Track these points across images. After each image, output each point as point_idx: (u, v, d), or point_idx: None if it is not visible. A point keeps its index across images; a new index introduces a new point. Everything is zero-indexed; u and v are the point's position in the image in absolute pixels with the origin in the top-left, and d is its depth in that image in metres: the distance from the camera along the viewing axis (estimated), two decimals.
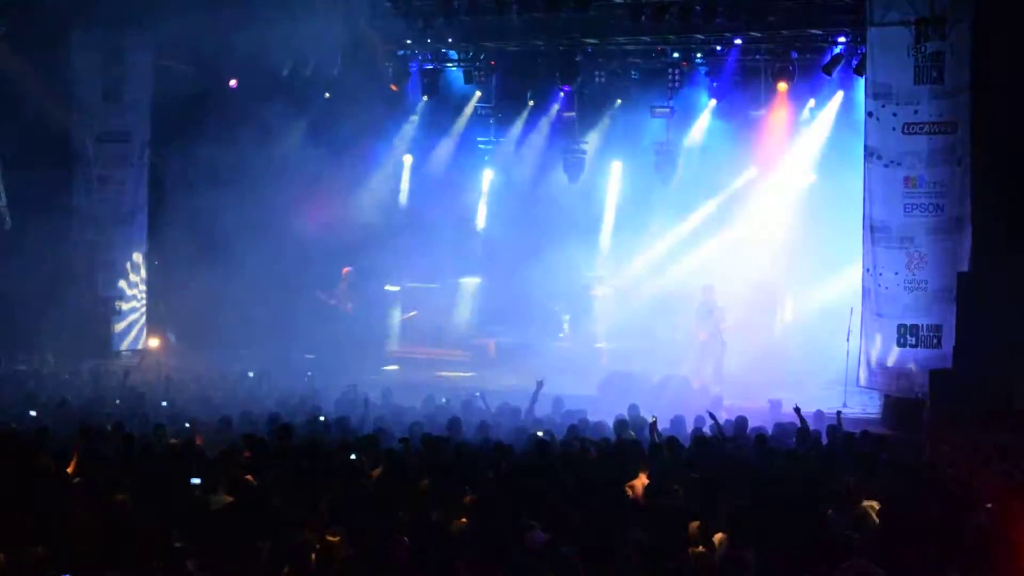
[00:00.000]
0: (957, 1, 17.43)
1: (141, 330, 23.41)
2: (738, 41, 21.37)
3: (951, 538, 9.39)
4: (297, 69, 22.97)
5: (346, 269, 22.81)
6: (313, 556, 8.80)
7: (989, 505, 9.95)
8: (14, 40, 21.53)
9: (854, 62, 19.80)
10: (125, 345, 23.06)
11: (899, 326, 18.02)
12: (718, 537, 9.19)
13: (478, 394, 16.72)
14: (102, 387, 17.51)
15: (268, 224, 22.71)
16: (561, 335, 22.84)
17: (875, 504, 9.91)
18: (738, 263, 22.04)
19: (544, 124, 24.18)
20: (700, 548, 9.03)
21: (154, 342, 23.45)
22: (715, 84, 22.30)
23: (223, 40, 21.28)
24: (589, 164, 23.72)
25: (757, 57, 21.66)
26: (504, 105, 24.49)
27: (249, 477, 10.75)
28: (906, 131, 17.89)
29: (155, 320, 23.66)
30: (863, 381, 18.41)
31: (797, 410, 13.99)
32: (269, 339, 22.45)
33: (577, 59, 22.35)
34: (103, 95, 22.83)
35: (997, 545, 9.10)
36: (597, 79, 22.84)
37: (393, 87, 23.73)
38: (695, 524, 9.30)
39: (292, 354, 21.74)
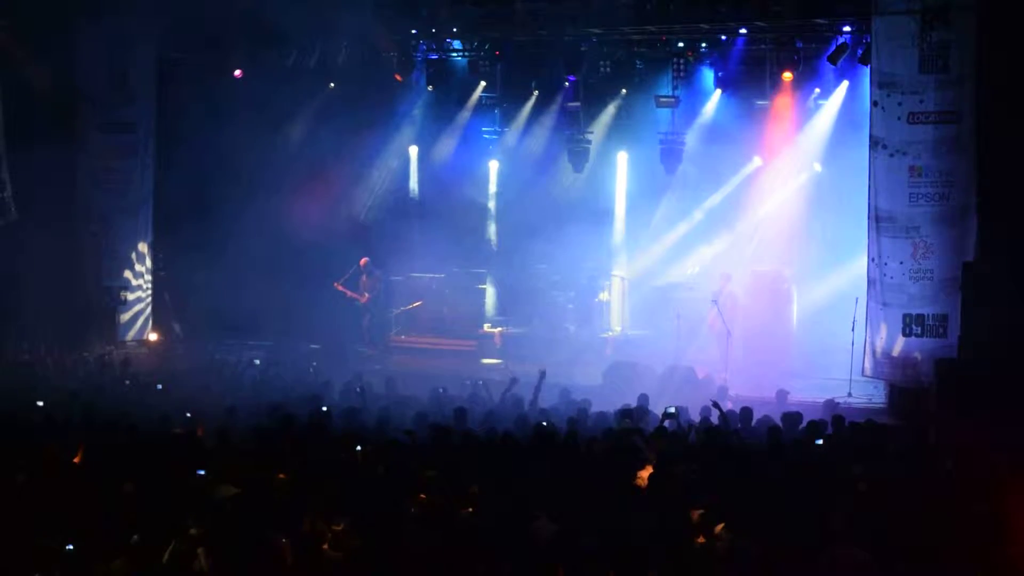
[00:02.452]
0: None
1: (146, 320, 23.43)
2: (743, 31, 21.28)
3: (955, 528, 9.39)
4: (302, 59, 22.97)
5: (364, 260, 22.85)
6: (319, 547, 8.83)
7: (997, 496, 9.96)
8: (20, 29, 21.52)
9: (859, 52, 19.74)
10: (130, 335, 23.09)
11: (904, 316, 17.95)
12: (720, 527, 9.20)
13: (481, 383, 16.73)
14: (107, 377, 17.52)
15: (273, 214, 22.73)
16: (567, 325, 22.80)
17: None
18: (743, 253, 22.04)
19: (549, 114, 24.09)
20: (702, 538, 9.05)
21: (159, 332, 23.48)
22: (720, 74, 22.22)
23: (228, 30, 21.31)
24: (594, 154, 23.66)
25: (762, 47, 21.55)
26: (509, 95, 24.34)
27: (254, 467, 10.77)
28: (911, 120, 17.81)
29: (160, 310, 23.68)
30: (868, 371, 18.32)
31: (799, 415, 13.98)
32: (274, 329, 22.50)
33: (582, 49, 22.27)
34: (109, 85, 22.81)
35: (1001, 534, 9.12)
36: (602, 69, 22.74)
37: (398, 77, 23.67)
38: (697, 513, 9.32)
39: (298, 344, 21.77)
